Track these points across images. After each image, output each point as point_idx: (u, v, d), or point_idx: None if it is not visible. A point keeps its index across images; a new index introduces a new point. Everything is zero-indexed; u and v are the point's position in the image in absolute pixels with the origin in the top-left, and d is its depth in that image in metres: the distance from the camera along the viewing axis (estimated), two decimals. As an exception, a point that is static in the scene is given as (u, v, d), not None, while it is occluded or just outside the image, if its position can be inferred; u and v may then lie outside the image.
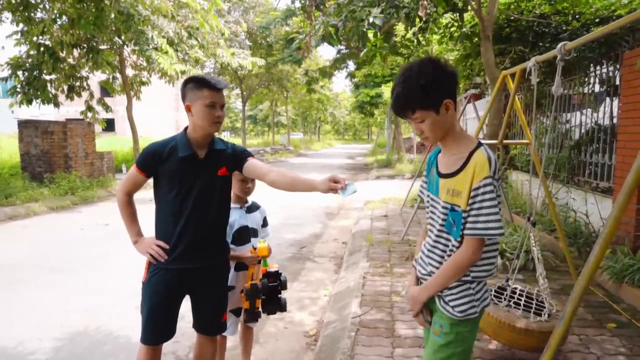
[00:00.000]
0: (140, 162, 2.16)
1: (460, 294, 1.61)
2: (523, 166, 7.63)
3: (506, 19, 6.57)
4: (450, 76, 1.55)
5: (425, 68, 1.52)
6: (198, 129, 2.13)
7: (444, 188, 1.63)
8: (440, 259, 1.65)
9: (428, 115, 1.54)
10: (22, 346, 3.36)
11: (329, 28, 5.23)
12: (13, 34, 10.83)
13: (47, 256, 5.75)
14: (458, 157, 1.59)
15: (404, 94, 1.54)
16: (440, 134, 1.60)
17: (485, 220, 1.49)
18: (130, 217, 2.25)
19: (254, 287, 2.47)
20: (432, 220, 1.72)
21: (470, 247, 1.54)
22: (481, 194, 1.49)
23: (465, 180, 1.53)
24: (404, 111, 1.57)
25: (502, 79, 3.77)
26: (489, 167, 1.50)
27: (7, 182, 9.96)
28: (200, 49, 13.18)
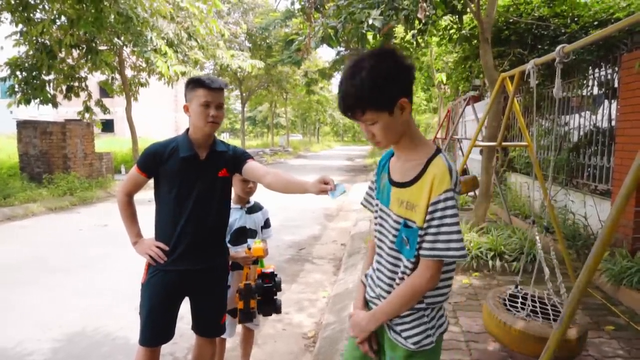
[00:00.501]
0: (141, 162, 2.17)
1: (414, 323, 1.41)
2: (522, 168, 7.65)
3: (505, 22, 6.59)
4: (407, 71, 1.32)
5: (378, 61, 1.28)
6: (196, 129, 2.14)
7: (396, 199, 1.42)
8: (389, 280, 1.43)
9: (380, 116, 1.31)
10: (20, 347, 3.35)
11: (328, 30, 5.24)
12: (12, 34, 10.83)
13: (46, 257, 5.74)
14: (414, 164, 1.38)
15: (352, 92, 1.30)
16: (394, 138, 1.39)
17: (447, 239, 1.29)
18: (130, 217, 2.25)
19: (247, 287, 2.46)
20: (381, 234, 1.49)
21: (429, 270, 1.33)
22: (441, 209, 1.29)
23: (422, 192, 1.33)
24: (352, 112, 1.34)
25: (501, 81, 3.78)
26: (449, 177, 1.29)
27: (6, 182, 9.95)
28: (200, 50, 13.19)
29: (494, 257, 4.63)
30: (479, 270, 4.62)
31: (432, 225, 1.30)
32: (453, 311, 3.62)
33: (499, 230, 5.14)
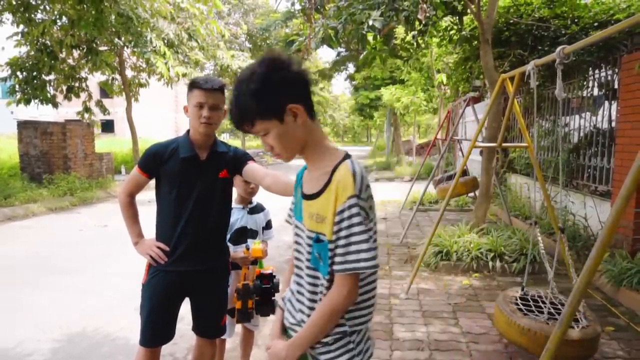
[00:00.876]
0: (142, 163, 2.17)
1: (339, 351, 1.29)
2: (522, 169, 7.65)
3: (505, 23, 6.59)
4: (293, 76, 1.24)
5: (257, 69, 1.22)
6: (193, 130, 2.15)
7: (307, 212, 1.32)
8: (310, 303, 1.31)
9: (271, 125, 1.24)
10: (20, 347, 3.35)
11: (329, 30, 5.24)
12: (13, 35, 10.85)
13: (46, 257, 5.74)
14: (321, 174, 1.29)
15: (237, 104, 1.24)
16: (294, 147, 1.30)
17: (357, 250, 1.18)
18: (132, 218, 2.25)
19: (245, 288, 2.46)
20: (298, 252, 1.38)
21: (344, 286, 1.21)
22: (347, 219, 1.19)
23: (329, 203, 1.23)
24: (242, 125, 1.26)
25: (501, 82, 3.78)
26: (353, 183, 1.19)
27: (6, 182, 9.95)
28: (201, 50, 13.21)
29: (494, 258, 4.64)
30: (479, 271, 4.62)
31: (341, 237, 1.21)
32: (453, 312, 3.62)
33: (499, 231, 5.14)
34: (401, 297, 3.96)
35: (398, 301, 3.87)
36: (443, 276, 4.56)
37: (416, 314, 3.59)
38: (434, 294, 4.04)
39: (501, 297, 2.99)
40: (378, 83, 20.02)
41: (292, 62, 1.27)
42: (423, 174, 11.69)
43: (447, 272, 4.67)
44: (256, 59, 1.30)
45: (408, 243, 5.84)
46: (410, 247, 5.65)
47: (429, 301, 3.87)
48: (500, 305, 2.85)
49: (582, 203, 5.28)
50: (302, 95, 1.27)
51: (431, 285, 4.28)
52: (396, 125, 22.16)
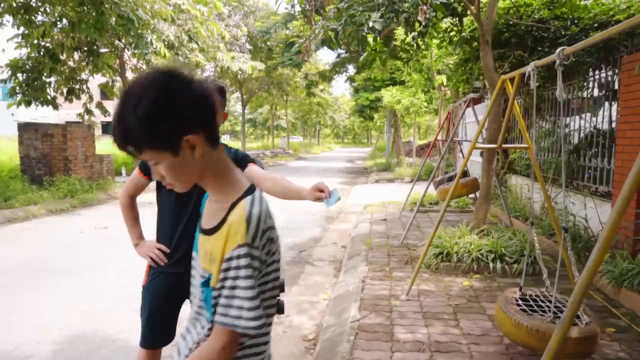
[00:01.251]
0: (142, 163, 2.17)
1: None
2: (522, 170, 7.64)
3: (505, 24, 6.59)
4: (192, 99, 1.04)
5: (148, 92, 1.00)
6: None
7: (202, 248, 1.17)
8: (193, 345, 1.18)
9: (162, 157, 1.05)
10: (19, 350, 3.35)
11: (329, 32, 5.25)
12: (14, 37, 10.87)
13: (46, 259, 5.74)
14: (219, 208, 1.14)
15: (119, 126, 1.02)
16: (189, 179, 1.12)
17: (239, 306, 1.04)
18: (133, 220, 2.26)
19: None
20: (193, 287, 1.24)
21: (219, 339, 1.07)
22: (234, 269, 1.04)
23: (219, 244, 1.08)
24: (126, 149, 1.05)
25: (501, 83, 3.78)
26: (245, 230, 1.04)
27: (7, 185, 9.95)
28: (201, 52, 13.22)
29: (495, 259, 4.63)
30: (480, 272, 4.61)
31: (225, 287, 1.06)
32: (454, 313, 3.62)
33: (500, 232, 5.13)
34: (402, 298, 3.96)
35: (398, 302, 3.86)
36: (443, 277, 4.55)
37: (417, 315, 3.58)
38: (435, 295, 4.04)
39: (502, 298, 2.98)
40: (378, 84, 20.05)
41: (191, 81, 1.06)
42: (423, 175, 11.69)
43: (447, 273, 4.66)
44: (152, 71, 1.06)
45: (408, 244, 5.84)
46: (411, 248, 5.65)
47: (430, 302, 3.87)
48: (503, 307, 2.83)
49: (583, 204, 5.28)
50: (203, 122, 1.07)
51: (432, 287, 4.27)
52: (396, 127, 22.18)
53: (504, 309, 2.81)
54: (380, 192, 11.70)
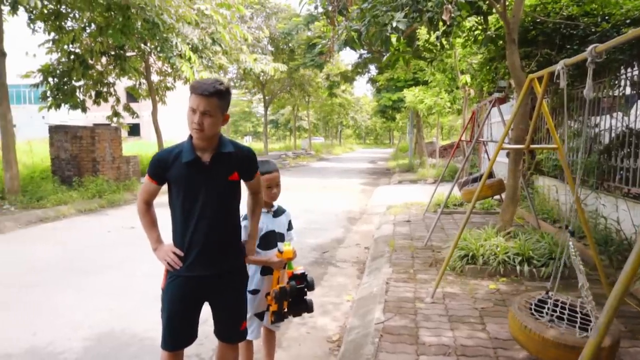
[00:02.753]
0: (151, 170, 2.19)
1: None
2: (549, 171, 7.46)
3: (532, 22, 6.45)
4: None
5: None
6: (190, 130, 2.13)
7: None
8: None
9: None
10: (52, 346, 3.45)
11: (352, 33, 5.23)
12: (45, 42, 11.22)
13: (76, 258, 5.89)
14: None
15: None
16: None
17: None
18: (150, 224, 2.27)
19: (283, 290, 2.49)
20: None
21: None
22: None
23: None
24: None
25: (528, 82, 3.69)
26: None
27: (39, 185, 10.28)
28: (224, 55, 13.37)
29: (522, 262, 4.53)
30: (506, 275, 4.52)
31: None
32: (480, 317, 3.55)
33: (527, 235, 5.02)
34: (426, 300, 3.91)
35: (423, 305, 3.82)
36: (469, 280, 4.48)
37: (442, 319, 3.53)
38: (460, 298, 3.97)
39: (519, 297, 2.93)
40: (400, 85, 19.89)
41: None
42: (447, 176, 11.53)
43: (473, 276, 4.58)
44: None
45: (432, 246, 5.77)
46: (435, 250, 5.58)
47: (455, 305, 3.81)
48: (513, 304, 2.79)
49: (614, 206, 5.11)
50: None
51: (457, 289, 4.21)
52: (419, 127, 21.96)
53: (512, 305, 2.79)
54: (403, 193, 11.60)
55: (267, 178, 2.57)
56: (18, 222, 8.04)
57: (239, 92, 33.74)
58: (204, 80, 2.10)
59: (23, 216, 8.35)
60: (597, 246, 4.30)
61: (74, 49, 11.20)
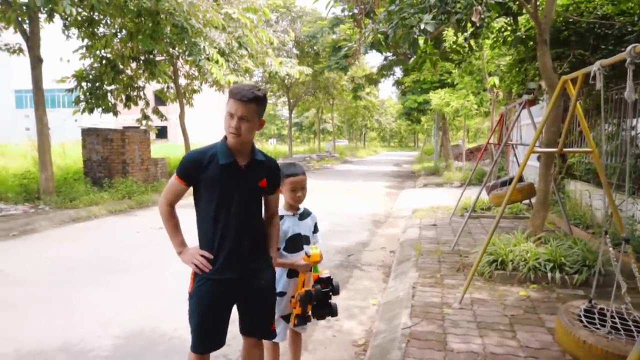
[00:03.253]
0: (181, 170, 2.15)
1: None
2: (582, 175, 7.24)
3: (564, 22, 6.28)
4: None
5: None
6: (227, 134, 2.15)
7: None
8: None
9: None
10: (83, 343, 3.54)
11: (378, 35, 5.21)
12: (79, 48, 11.60)
13: (106, 257, 6.05)
14: None
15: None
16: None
17: None
18: (174, 227, 2.24)
19: (307, 294, 2.48)
20: None
21: None
22: None
23: None
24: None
25: (562, 84, 3.59)
26: None
27: (72, 186, 10.61)
28: (250, 58, 13.52)
29: (554, 268, 4.40)
30: (537, 282, 4.40)
31: None
32: (510, 324, 3.47)
33: (559, 241, 4.87)
34: (454, 306, 3.84)
35: (451, 311, 3.75)
36: (498, 286, 4.38)
37: (470, 325, 3.46)
38: (489, 305, 3.89)
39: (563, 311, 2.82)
40: (426, 87, 19.68)
41: None
42: (474, 179, 11.33)
43: (502, 282, 4.48)
44: None
45: (460, 251, 5.67)
46: (463, 255, 5.48)
47: (484, 312, 3.73)
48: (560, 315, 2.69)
49: (652, 212, 4.92)
50: None
51: (486, 296, 4.12)
52: (445, 130, 21.67)
53: (560, 317, 2.68)
54: (429, 196, 11.46)
55: (292, 180, 2.56)
56: (52, 222, 8.31)
57: (264, 95, 34.01)
58: (242, 86, 2.11)
59: (57, 216, 8.63)
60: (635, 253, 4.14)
61: (105, 54, 11.54)
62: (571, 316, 2.69)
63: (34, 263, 5.77)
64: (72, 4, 7.68)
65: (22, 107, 37.87)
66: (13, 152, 15.73)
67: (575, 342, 2.50)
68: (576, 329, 2.54)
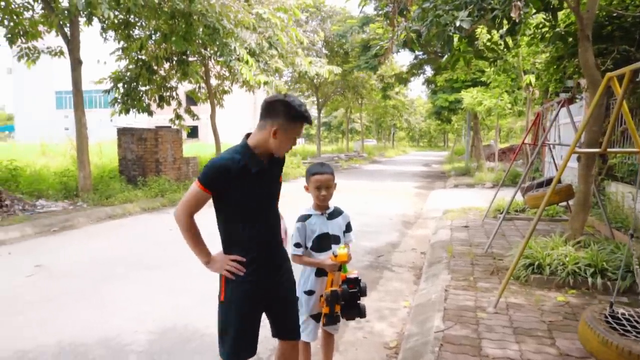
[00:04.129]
0: (208, 179, 2.04)
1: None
2: (624, 176, 6.94)
3: (607, 16, 6.02)
4: None
5: None
6: (272, 147, 2.11)
7: None
8: None
9: None
10: (120, 337, 3.63)
11: (411, 34, 5.13)
12: (115, 50, 11.95)
13: (141, 254, 6.20)
14: None
15: None
16: None
17: None
18: (196, 238, 2.16)
19: (334, 294, 2.46)
20: None
21: None
22: None
23: None
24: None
25: (606, 81, 3.44)
26: None
27: (108, 184, 10.94)
28: (280, 58, 13.59)
29: (595, 273, 4.22)
30: (577, 287, 4.24)
31: None
32: (548, 330, 3.35)
33: (600, 245, 4.68)
34: (489, 310, 3.74)
35: (485, 315, 3.65)
36: (534, 291, 4.24)
37: (506, 330, 3.36)
38: (526, 310, 3.77)
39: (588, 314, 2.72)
40: (458, 86, 19.32)
41: None
42: (507, 180, 11.04)
43: (538, 286, 4.34)
44: None
45: (493, 253, 5.52)
46: (497, 258, 5.34)
47: (520, 317, 3.61)
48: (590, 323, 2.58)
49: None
50: None
51: (521, 300, 3.99)
52: (476, 129, 21.22)
53: (591, 325, 2.57)
54: (460, 197, 11.24)
55: (317, 179, 2.56)
56: (89, 219, 8.59)
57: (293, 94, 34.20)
58: (305, 107, 2.12)
59: (94, 213, 8.91)
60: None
61: (140, 56, 11.85)
62: (597, 320, 2.60)
63: (73, 258, 5.97)
64: (109, 7, 7.91)
65: (62, 108, 39.36)
66: (53, 151, 16.35)
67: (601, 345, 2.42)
68: (604, 332, 2.46)
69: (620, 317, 2.69)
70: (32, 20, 10.04)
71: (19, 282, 4.97)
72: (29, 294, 4.60)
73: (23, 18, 9.97)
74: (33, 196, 9.77)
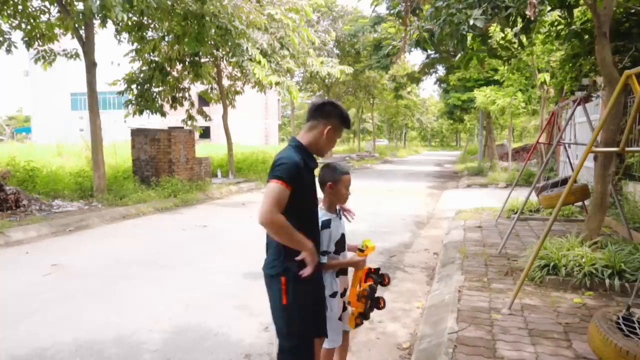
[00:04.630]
0: (290, 177, 2.09)
1: None
2: (642, 176, 6.81)
3: (625, 13, 5.91)
4: None
5: None
6: (320, 148, 2.31)
7: None
8: None
9: None
10: (135, 335, 3.66)
11: (424, 33, 5.10)
12: (129, 52, 12.09)
13: (154, 253, 6.25)
14: None
15: None
16: None
17: None
18: (294, 230, 2.11)
19: (372, 289, 2.53)
20: None
21: None
22: None
23: None
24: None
25: (624, 79, 3.37)
26: None
27: (122, 184, 11.07)
28: (292, 58, 13.63)
29: (612, 275, 4.15)
30: (593, 289, 4.17)
31: None
32: (564, 332, 3.30)
33: (617, 245, 4.60)
34: (503, 312, 3.70)
35: (500, 316, 3.61)
36: (550, 292, 4.18)
37: (521, 332, 3.32)
38: (541, 312, 3.72)
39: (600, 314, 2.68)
40: (470, 85, 19.15)
41: None
42: (521, 180, 10.91)
43: (554, 287, 4.28)
44: None
45: (507, 254, 5.46)
46: (511, 258, 5.27)
47: (535, 319, 3.57)
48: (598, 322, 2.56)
49: None
50: None
51: (537, 302, 3.94)
52: (489, 129, 21.01)
53: (597, 323, 2.55)
54: (473, 197, 11.14)
55: (348, 178, 2.58)
56: (104, 219, 8.69)
57: (304, 94, 34.27)
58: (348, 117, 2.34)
59: (108, 213, 9.02)
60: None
61: (153, 57, 11.97)
62: (605, 319, 2.55)
63: (89, 257, 6.05)
64: (123, 10, 8.01)
65: (77, 109, 39.97)
66: (69, 152, 16.59)
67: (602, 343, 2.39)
68: (607, 331, 2.42)
69: (635, 320, 2.64)
70: (48, 24, 10.22)
71: (37, 281, 5.05)
72: (46, 293, 4.67)
73: (40, 21, 10.15)
74: (49, 196, 9.93)
